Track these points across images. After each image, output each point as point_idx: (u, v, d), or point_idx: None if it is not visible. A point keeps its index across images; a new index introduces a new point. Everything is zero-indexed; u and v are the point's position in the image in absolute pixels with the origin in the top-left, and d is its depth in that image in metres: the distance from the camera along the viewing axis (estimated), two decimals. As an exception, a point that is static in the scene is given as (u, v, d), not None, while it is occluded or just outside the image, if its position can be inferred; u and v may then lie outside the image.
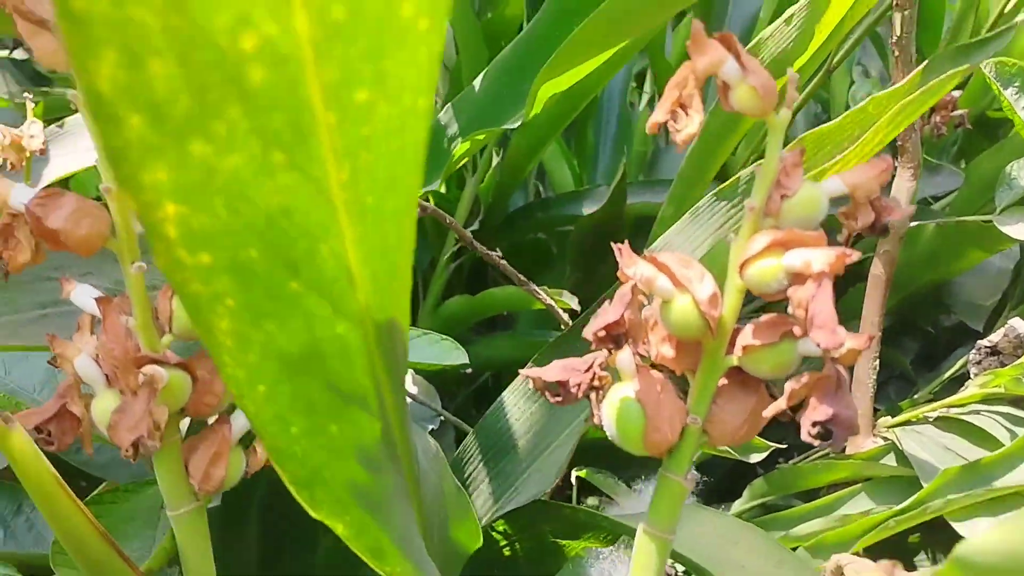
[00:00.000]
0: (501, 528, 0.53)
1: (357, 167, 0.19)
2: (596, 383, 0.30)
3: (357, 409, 0.23)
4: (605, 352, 0.30)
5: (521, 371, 0.32)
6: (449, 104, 0.68)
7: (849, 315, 0.76)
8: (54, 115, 1.14)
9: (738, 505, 0.82)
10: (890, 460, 0.73)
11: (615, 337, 0.28)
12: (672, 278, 0.28)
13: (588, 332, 0.28)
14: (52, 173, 0.84)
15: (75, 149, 0.86)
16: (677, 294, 0.28)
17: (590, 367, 0.30)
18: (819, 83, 0.84)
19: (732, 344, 0.29)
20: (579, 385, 0.29)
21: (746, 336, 0.28)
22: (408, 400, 0.65)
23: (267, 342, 0.21)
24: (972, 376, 0.72)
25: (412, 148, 0.19)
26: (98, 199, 0.31)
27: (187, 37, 0.16)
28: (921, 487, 0.64)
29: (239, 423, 0.33)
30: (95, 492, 0.40)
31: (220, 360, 0.21)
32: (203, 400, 0.32)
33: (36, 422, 0.30)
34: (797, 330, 0.27)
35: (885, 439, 0.75)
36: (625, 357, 0.29)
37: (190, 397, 0.31)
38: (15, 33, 0.28)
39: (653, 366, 0.30)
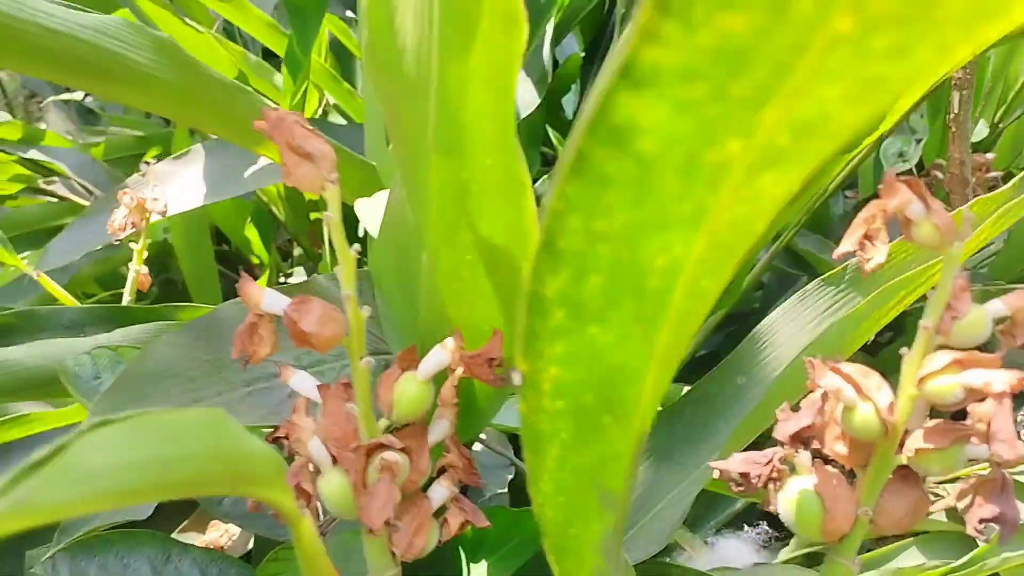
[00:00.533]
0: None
1: (678, 334, 0.23)
2: (774, 475, 0.33)
3: (611, 511, 0.27)
4: (784, 448, 0.34)
5: (709, 463, 0.35)
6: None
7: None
8: (113, 155, 1.18)
9: (785, 553, 0.86)
10: (940, 515, 0.77)
11: (804, 439, 0.32)
12: (857, 389, 0.32)
13: (781, 434, 0.32)
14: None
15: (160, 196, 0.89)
16: (860, 402, 0.32)
17: (770, 461, 0.33)
18: (869, 152, 0.88)
19: (901, 445, 0.32)
20: (759, 476, 0.33)
21: (917, 440, 0.32)
22: (479, 447, 0.68)
23: (577, 463, 0.24)
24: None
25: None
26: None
27: (624, 260, 0.20)
28: (972, 543, 0.68)
29: (436, 497, 0.37)
30: (275, 548, 0.43)
31: (537, 476, 0.24)
32: (411, 478, 0.36)
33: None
34: (975, 439, 0.30)
35: (936, 495, 0.79)
36: (805, 454, 0.33)
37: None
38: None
39: (825, 460, 0.34)
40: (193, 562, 0.50)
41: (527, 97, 0.74)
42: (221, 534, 0.75)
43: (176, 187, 0.91)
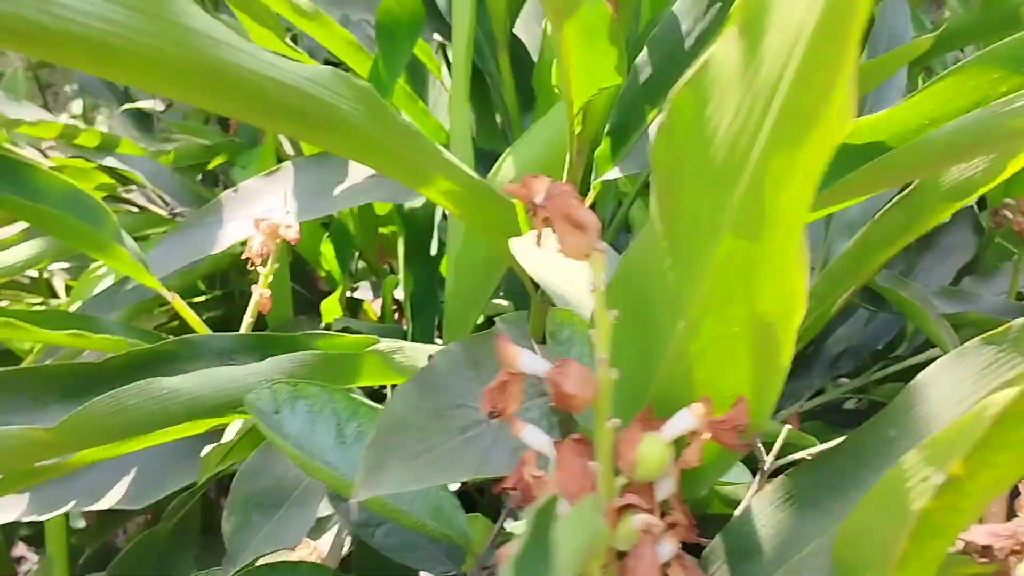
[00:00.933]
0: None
1: None
2: (1017, 547, 0.34)
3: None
4: None
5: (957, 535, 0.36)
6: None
7: None
8: (182, 163, 1.18)
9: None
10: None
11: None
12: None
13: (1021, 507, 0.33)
14: (228, 237, 0.89)
15: (246, 214, 0.90)
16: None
17: (1012, 534, 0.34)
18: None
19: None
20: (1002, 549, 0.34)
21: None
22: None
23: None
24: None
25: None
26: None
27: None
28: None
29: (662, 554, 0.38)
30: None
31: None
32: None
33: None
34: None
35: None
36: (1045, 528, 0.34)
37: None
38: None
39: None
40: None
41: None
42: (310, 551, 0.76)
43: (265, 205, 0.92)
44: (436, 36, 1.11)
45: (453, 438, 0.40)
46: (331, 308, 1.06)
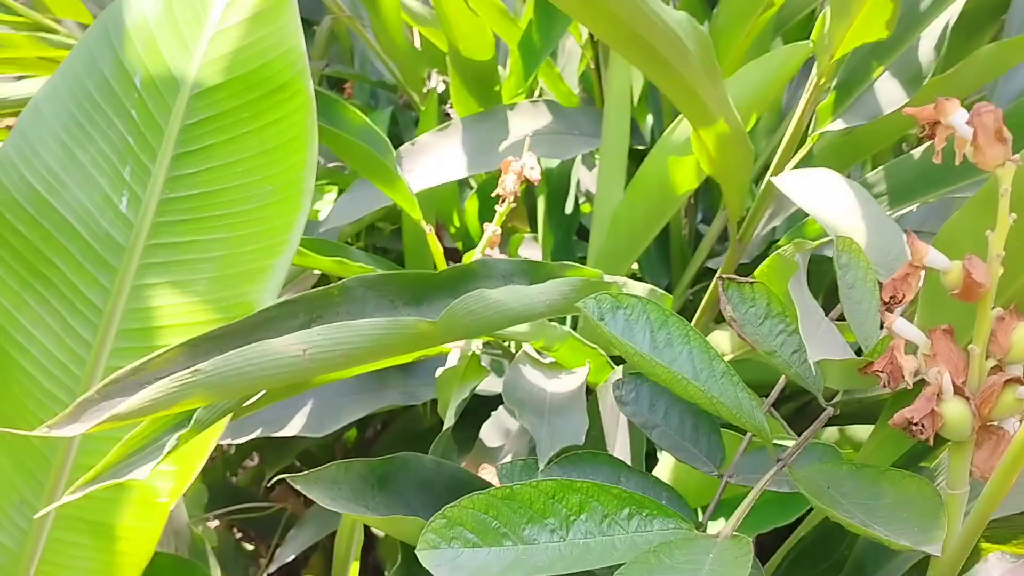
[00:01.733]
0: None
1: None
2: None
3: None
4: None
5: None
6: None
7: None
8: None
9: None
10: None
11: None
12: None
13: None
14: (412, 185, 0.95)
15: (427, 165, 0.96)
16: None
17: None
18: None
19: None
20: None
21: None
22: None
23: None
24: None
25: None
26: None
27: None
28: None
29: (1009, 429, 0.44)
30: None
31: None
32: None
33: (908, 416, 0.42)
34: None
35: None
36: None
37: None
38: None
39: None
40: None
41: None
42: (492, 477, 0.82)
43: (438, 157, 0.98)
44: None
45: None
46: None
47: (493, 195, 0.73)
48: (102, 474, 0.46)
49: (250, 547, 1.33)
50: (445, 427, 0.67)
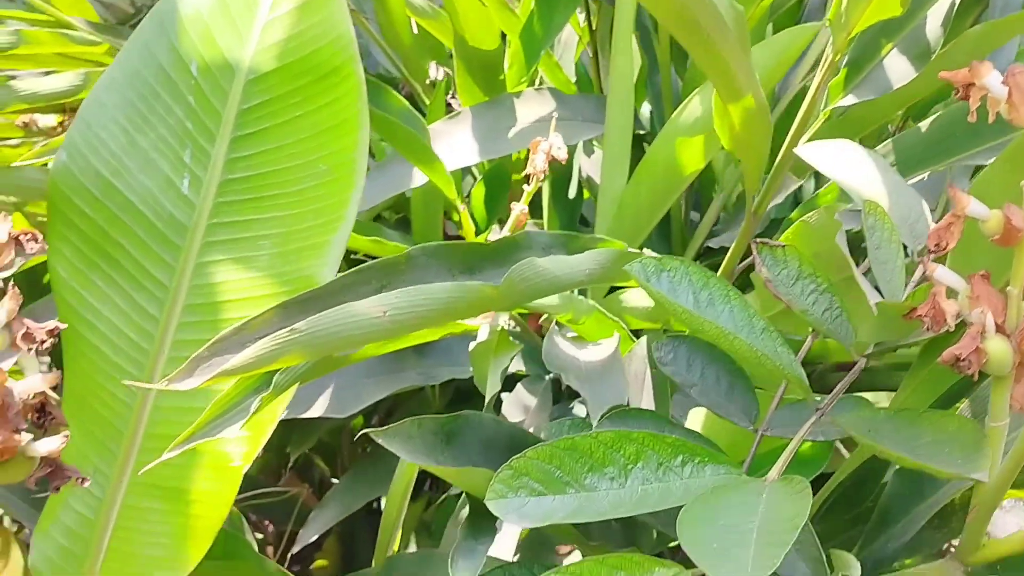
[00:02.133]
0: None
1: None
2: None
3: None
4: None
5: None
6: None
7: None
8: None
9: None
10: None
11: None
12: None
13: None
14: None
15: (439, 152, 0.99)
16: None
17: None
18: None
19: None
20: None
21: None
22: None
23: None
24: None
25: None
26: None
27: None
28: None
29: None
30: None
31: None
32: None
33: (956, 353, 0.46)
34: None
35: None
36: None
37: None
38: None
39: None
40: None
41: None
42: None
43: (447, 144, 1.01)
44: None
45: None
46: (477, 246, 1.15)
47: (522, 175, 0.76)
48: (195, 433, 0.49)
49: (259, 536, 1.36)
50: (488, 396, 0.70)
